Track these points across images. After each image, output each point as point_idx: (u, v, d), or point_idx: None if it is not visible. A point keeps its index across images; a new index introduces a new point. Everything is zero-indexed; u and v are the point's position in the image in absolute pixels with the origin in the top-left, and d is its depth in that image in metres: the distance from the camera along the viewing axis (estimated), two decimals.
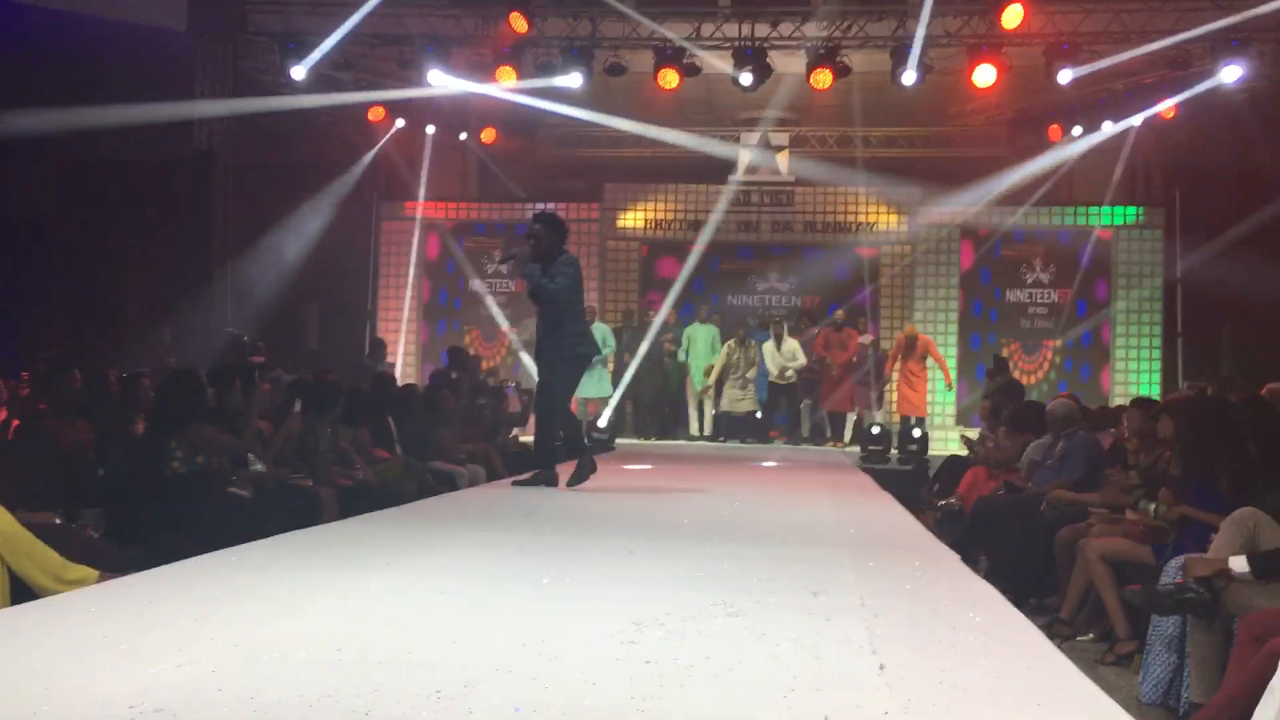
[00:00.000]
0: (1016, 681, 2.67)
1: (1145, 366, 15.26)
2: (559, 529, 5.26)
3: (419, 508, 6.23)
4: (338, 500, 6.69)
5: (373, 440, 8.48)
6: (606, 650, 2.83)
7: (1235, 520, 4.42)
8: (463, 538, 4.92)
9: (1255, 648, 3.69)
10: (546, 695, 2.43)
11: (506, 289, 16.39)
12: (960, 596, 3.74)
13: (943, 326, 15.64)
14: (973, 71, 12.58)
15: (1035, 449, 7.88)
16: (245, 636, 2.90)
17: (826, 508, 6.69)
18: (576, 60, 13.05)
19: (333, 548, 4.44)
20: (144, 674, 2.52)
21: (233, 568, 3.90)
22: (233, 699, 2.34)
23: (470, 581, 3.79)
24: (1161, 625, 4.60)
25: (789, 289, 16.20)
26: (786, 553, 4.57)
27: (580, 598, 3.57)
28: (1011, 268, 15.73)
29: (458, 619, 3.21)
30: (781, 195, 15.98)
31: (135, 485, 5.93)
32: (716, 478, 8.73)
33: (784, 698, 2.45)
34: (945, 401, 15.39)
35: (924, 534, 5.62)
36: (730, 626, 3.14)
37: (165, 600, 3.31)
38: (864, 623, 3.22)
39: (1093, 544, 5.63)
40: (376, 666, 2.63)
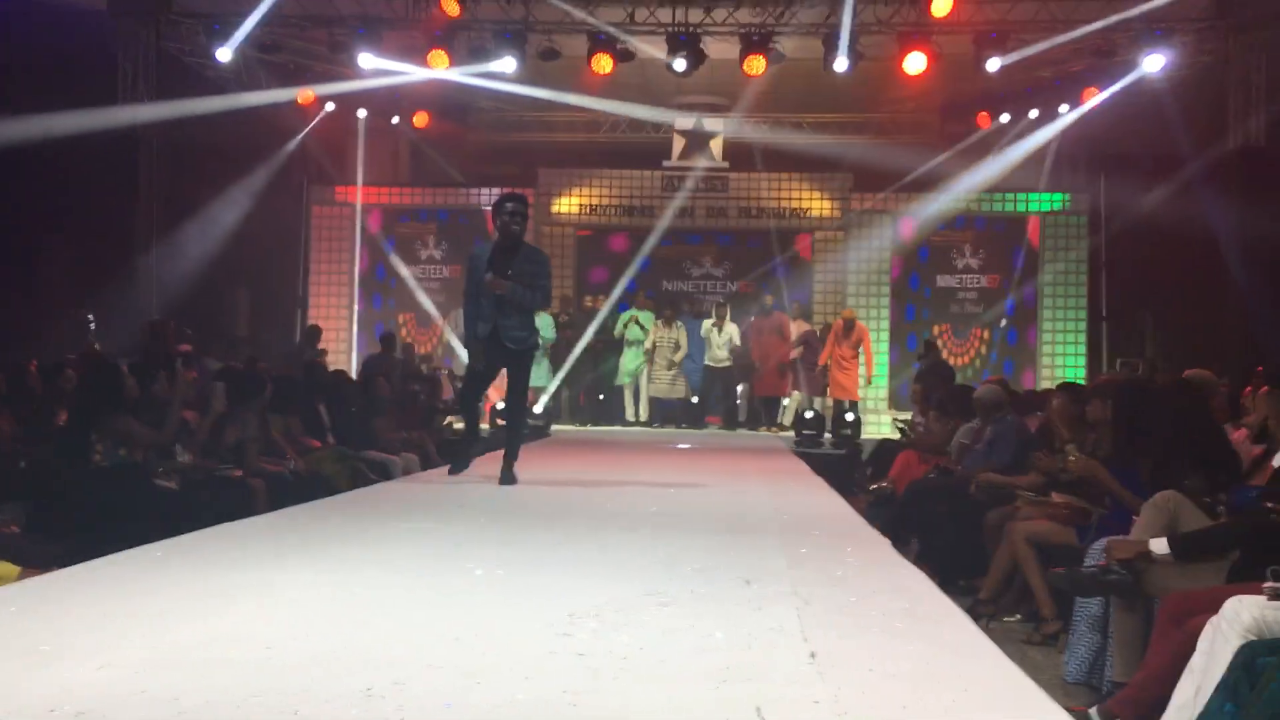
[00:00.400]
0: (943, 666, 2.71)
1: (1071, 350, 15.56)
2: (493, 520, 5.24)
3: (351, 498, 6.17)
4: (268, 491, 6.60)
5: (304, 429, 8.38)
6: (540, 643, 2.83)
7: (1155, 503, 4.52)
8: (395, 529, 4.87)
9: (1175, 627, 3.79)
10: (478, 691, 2.41)
11: (440, 275, 16.26)
12: (890, 583, 3.79)
13: (875, 311, 15.81)
14: (903, 59, 12.71)
15: (965, 432, 8.01)
16: (170, 635, 2.85)
17: (760, 494, 6.74)
18: (510, 44, 12.97)
19: (262, 541, 4.37)
20: (65, 675, 2.47)
21: (158, 563, 3.83)
22: (157, 701, 2.30)
23: (403, 575, 3.76)
24: (1086, 606, 4.71)
25: (723, 274, 16.27)
26: (720, 541, 4.59)
27: (514, 590, 3.56)
28: (942, 254, 15.95)
29: (389, 614, 3.18)
30: (715, 181, 16.03)
31: (57, 478, 5.79)
32: (651, 465, 8.75)
33: (716, 689, 2.46)
34: (878, 385, 15.59)
35: (856, 519, 5.68)
36: (663, 617, 3.15)
37: (87, 598, 3.24)
38: (795, 611, 3.25)
39: (1018, 527, 5.74)
40: (305, 665, 2.59)
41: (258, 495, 6.51)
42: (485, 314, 6.72)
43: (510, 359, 6.80)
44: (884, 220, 15.95)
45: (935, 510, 7.12)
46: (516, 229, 6.69)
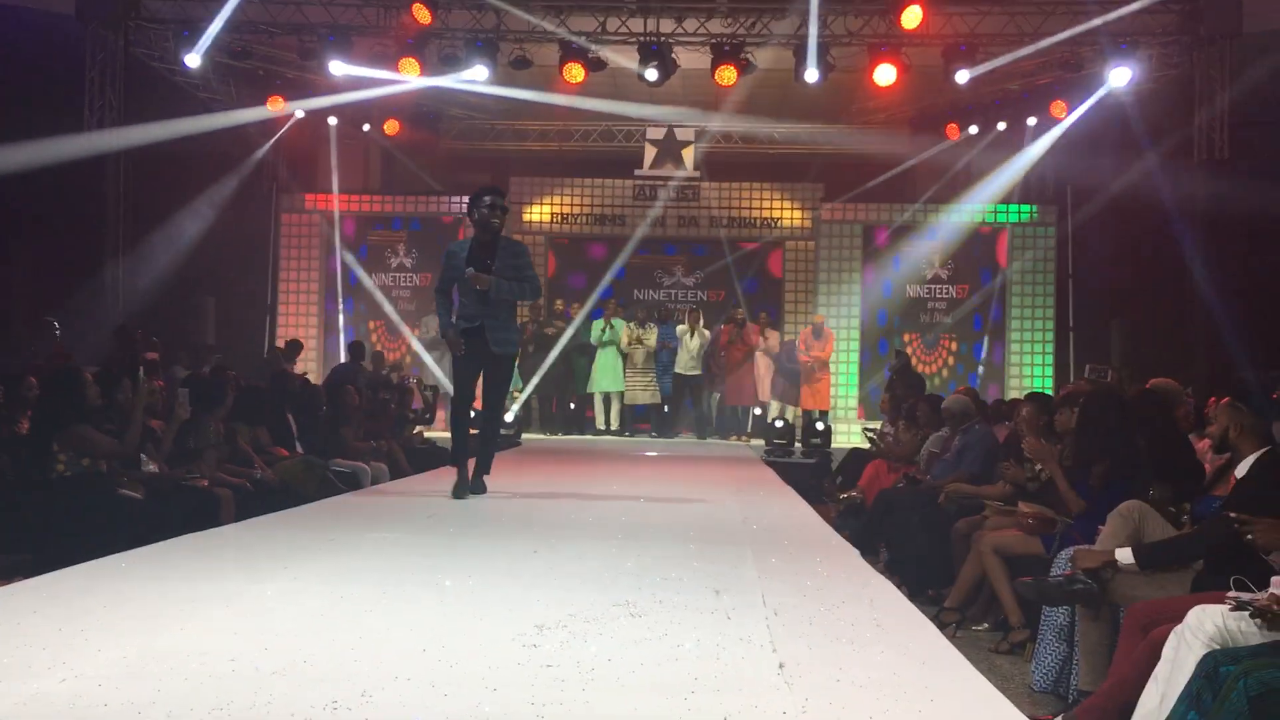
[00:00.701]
0: (910, 676, 2.72)
1: (1039, 360, 15.69)
2: (462, 530, 5.22)
3: (319, 508, 6.12)
4: (235, 501, 6.54)
5: (272, 438, 8.31)
6: (507, 654, 2.82)
7: (1121, 513, 4.55)
8: (363, 539, 4.85)
9: (1140, 636, 3.81)
10: (445, 703, 2.40)
11: (411, 283, 16.21)
12: (858, 592, 3.80)
13: (846, 320, 15.89)
14: (873, 70, 12.79)
15: (934, 441, 8.05)
16: (134, 647, 2.82)
17: (730, 504, 6.74)
18: (481, 53, 12.95)
19: (228, 552, 4.34)
20: (26, 689, 2.43)
21: (121, 574, 3.79)
22: (120, 713, 2.27)
23: (370, 586, 3.73)
24: (1053, 615, 4.73)
25: (694, 283, 16.31)
26: (690, 551, 4.59)
27: (482, 600, 3.54)
28: (912, 264, 16.04)
29: (356, 625, 3.16)
30: (687, 190, 16.07)
31: (18, 489, 5.72)
32: (621, 474, 8.74)
33: (684, 700, 2.46)
34: (848, 395, 15.67)
35: (826, 530, 5.70)
36: (632, 628, 3.14)
37: (49, 610, 3.19)
38: (764, 621, 3.25)
39: (986, 537, 5.76)
40: (271, 677, 2.57)
41: (225, 505, 6.45)
42: (469, 313, 6.54)
43: (492, 363, 6.63)
44: (854, 230, 16.04)
45: (904, 520, 7.15)
46: (496, 222, 6.50)
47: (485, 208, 6.47)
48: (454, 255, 6.62)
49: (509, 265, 6.50)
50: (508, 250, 6.59)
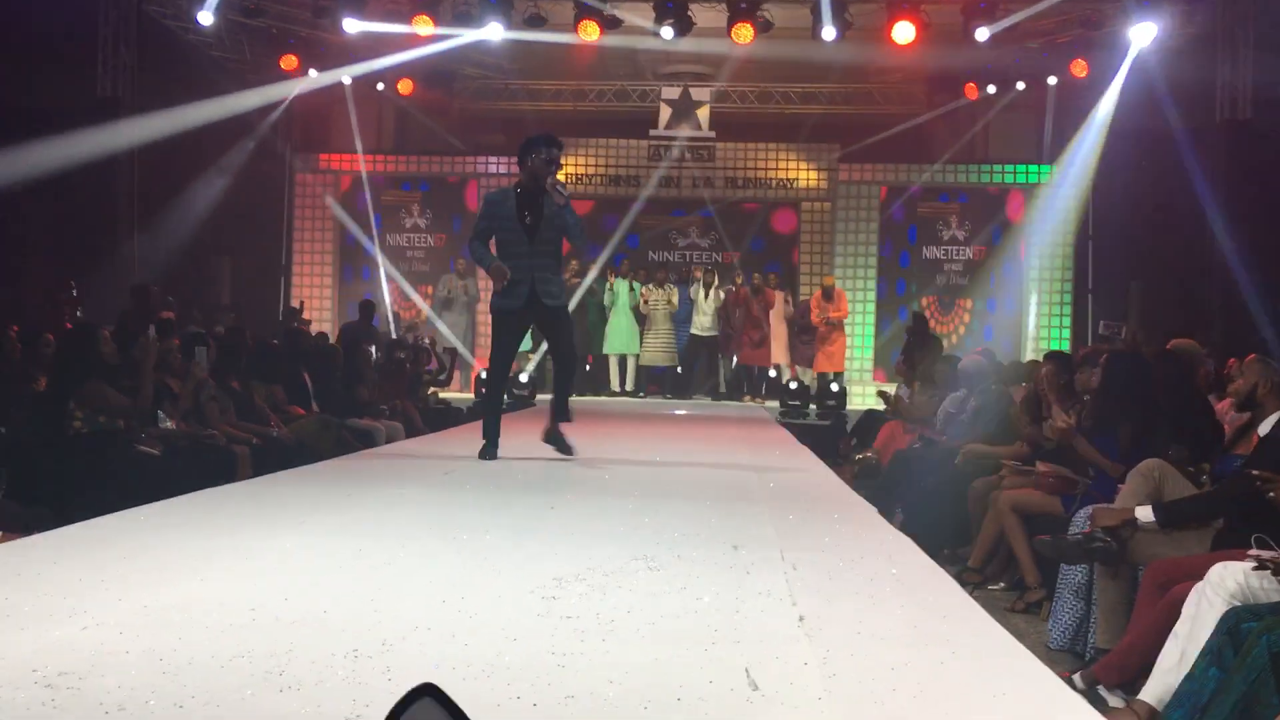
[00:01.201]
0: (932, 630, 2.71)
1: (1056, 322, 15.59)
2: (478, 485, 5.22)
3: (335, 465, 6.13)
4: (252, 458, 6.57)
5: (288, 397, 8.34)
6: (527, 606, 2.81)
7: (1141, 471, 4.54)
8: (379, 495, 4.85)
9: (1159, 595, 3.80)
10: (466, 652, 2.40)
11: (425, 244, 16.18)
12: (877, 548, 3.79)
13: (862, 283, 15.80)
14: (892, 29, 12.64)
15: (950, 402, 8.02)
16: (154, 597, 2.82)
17: (746, 462, 6.73)
18: (495, 10, 12.84)
19: (246, 506, 4.34)
20: (47, 637, 2.44)
21: (140, 527, 3.80)
22: (141, 661, 2.27)
23: (387, 540, 3.73)
24: (1070, 573, 4.73)
25: (709, 244, 16.23)
26: (707, 507, 4.58)
27: (500, 554, 3.54)
28: (928, 225, 15.94)
29: (375, 578, 3.16)
30: (702, 151, 15.96)
31: (36, 444, 5.74)
32: (637, 434, 8.74)
33: (705, 650, 2.45)
34: (863, 357, 15.62)
35: (842, 488, 5.69)
36: (651, 581, 3.14)
37: (69, 561, 3.20)
38: (783, 575, 3.24)
39: (1004, 496, 5.76)
40: (290, 626, 2.57)
41: (241, 462, 6.48)
42: (518, 277, 6.08)
43: (550, 317, 6.24)
44: (871, 191, 15.91)
45: (920, 480, 7.14)
46: (551, 181, 6.03)
47: (541, 160, 6.03)
48: (495, 204, 6.21)
49: (555, 217, 6.09)
50: (553, 203, 6.14)
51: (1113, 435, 5.26)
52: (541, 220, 6.08)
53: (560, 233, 6.14)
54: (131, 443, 5.96)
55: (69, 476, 5.37)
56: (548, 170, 6.01)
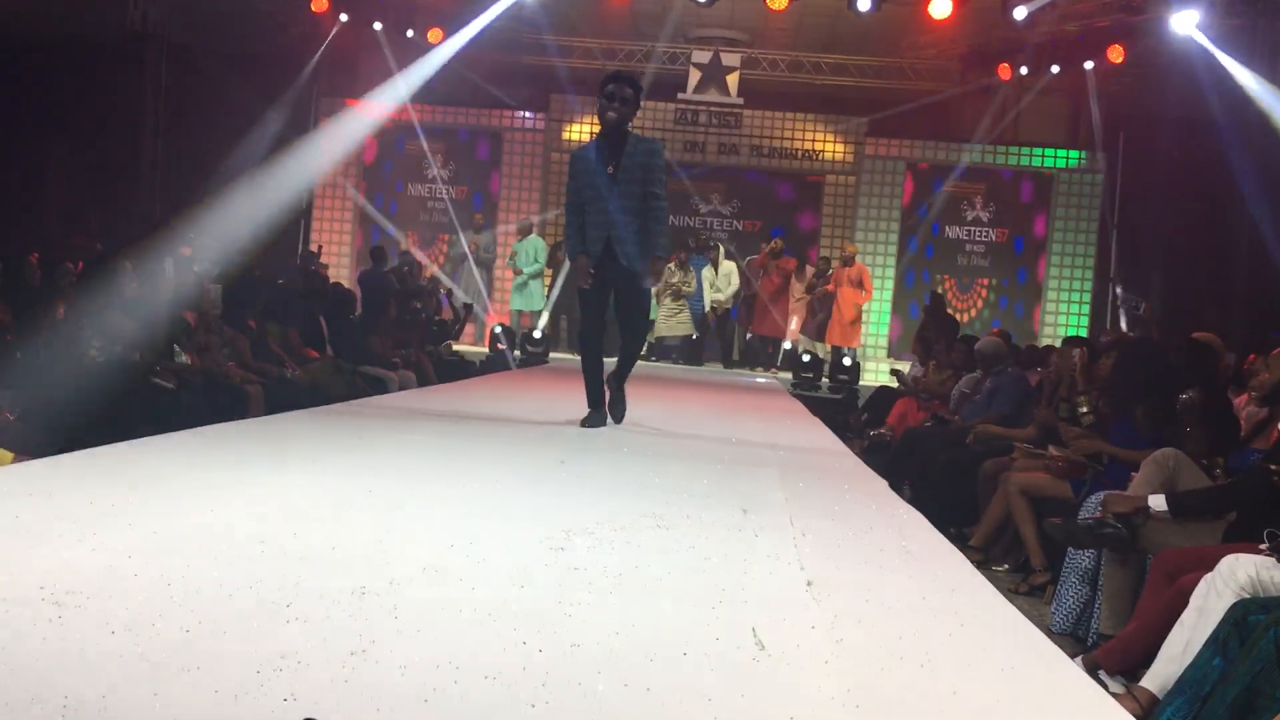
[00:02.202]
0: (940, 601, 2.70)
1: (1075, 309, 15.50)
2: (489, 436, 5.22)
3: (346, 408, 6.13)
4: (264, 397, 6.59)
5: (303, 339, 8.35)
6: (535, 555, 2.81)
7: (1156, 460, 4.51)
8: (391, 439, 4.85)
9: (1167, 584, 3.79)
10: (473, 596, 2.39)
11: (447, 195, 16.13)
12: (887, 520, 3.77)
13: (881, 259, 15.72)
14: (929, 3, 12.49)
15: (966, 382, 8.00)
16: (163, 525, 2.82)
17: (758, 431, 6.72)
18: None
19: (257, 442, 4.35)
20: (55, 557, 2.44)
21: (151, 457, 3.80)
22: (148, 585, 2.27)
23: (397, 482, 3.74)
24: (1076, 558, 4.71)
25: (731, 212, 16.16)
26: (718, 471, 4.57)
27: (510, 504, 3.54)
28: (952, 204, 15.82)
29: (383, 519, 3.16)
30: (729, 117, 15.84)
31: (52, 371, 5.76)
32: (650, 398, 8.71)
33: (712, 609, 2.44)
34: (879, 334, 15.56)
35: (853, 459, 5.68)
36: (660, 538, 3.13)
37: (80, 485, 3.21)
38: (792, 541, 3.23)
39: (1014, 478, 5.74)
40: (299, 561, 2.57)
41: (253, 400, 6.50)
42: (595, 229, 5.70)
43: (625, 278, 5.78)
44: (897, 166, 15.79)
45: (930, 458, 7.13)
46: (613, 116, 5.57)
47: (604, 98, 5.60)
48: (579, 161, 5.77)
49: (637, 167, 5.63)
50: (638, 149, 5.68)
51: (1129, 420, 5.23)
52: (620, 169, 5.64)
53: (645, 187, 5.66)
54: (146, 374, 5.97)
55: (83, 404, 5.39)
56: (607, 108, 5.59)
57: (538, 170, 15.87)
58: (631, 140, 5.67)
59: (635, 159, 5.62)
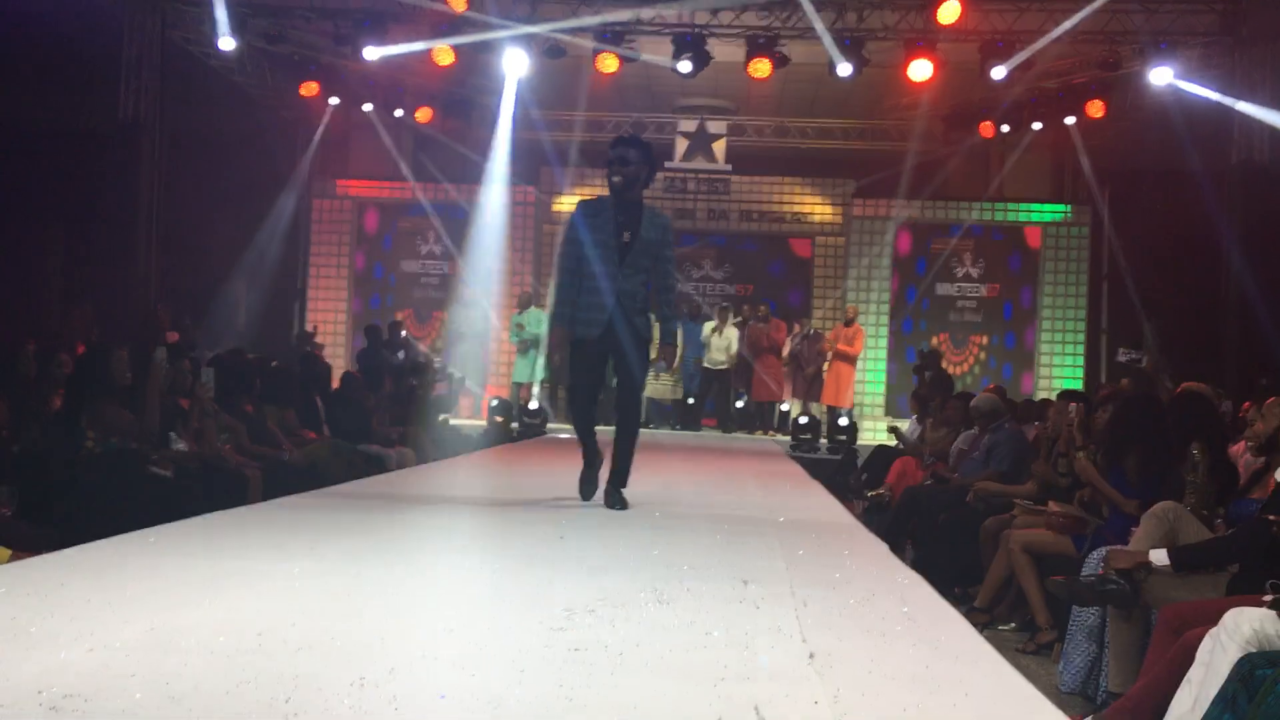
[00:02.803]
0: (943, 670, 2.68)
1: (1069, 362, 15.55)
2: (487, 514, 5.21)
3: (345, 490, 6.11)
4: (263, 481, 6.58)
5: (301, 420, 8.35)
6: (535, 637, 2.79)
7: (1155, 514, 4.50)
8: (389, 521, 4.84)
9: (1173, 638, 3.77)
10: (473, 683, 2.38)
11: (440, 271, 16.22)
12: (888, 586, 3.76)
13: (874, 319, 15.79)
14: (909, 66, 12.69)
15: (963, 439, 7.99)
16: (160, 620, 2.81)
17: (757, 496, 6.71)
18: (515, 41, 12.93)
19: (255, 529, 4.33)
20: (53, 658, 2.43)
21: (149, 549, 3.79)
22: (146, 685, 2.26)
23: (396, 566, 3.72)
24: (1082, 616, 4.69)
25: (723, 277, 16.25)
26: (717, 541, 4.56)
27: (509, 584, 3.52)
28: (941, 262, 15.94)
29: (382, 604, 3.14)
30: (717, 184, 16.00)
31: (49, 463, 5.76)
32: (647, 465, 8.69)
33: (714, 686, 2.43)
34: (874, 393, 15.59)
35: (853, 523, 5.66)
36: (660, 614, 3.12)
37: (77, 582, 3.19)
38: (794, 611, 3.22)
39: (1016, 535, 5.72)
40: (298, 652, 2.56)
41: (252, 485, 6.48)
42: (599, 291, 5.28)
43: (627, 348, 5.38)
44: (886, 227, 15.94)
45: (931, 517, 7.11)
46: (617, 181, 5.23)
47: (607, 164, 5.29)
48: (589, 214, 5.37)
49: (650, 243, 5.30)
50: (652, 224, 5.33)
51: (1120, 469, 5.25)
52: (635, 240, 5.28)
53: (652, 261, 5.33)
54: (144, 463, 5.97)
55: (81, 496, 5.38)
56: (611, 174, 5.25)
57: (530, 243, 15.99)
58: (647, 214, 5.35)
59: (649, 234, 5.30)
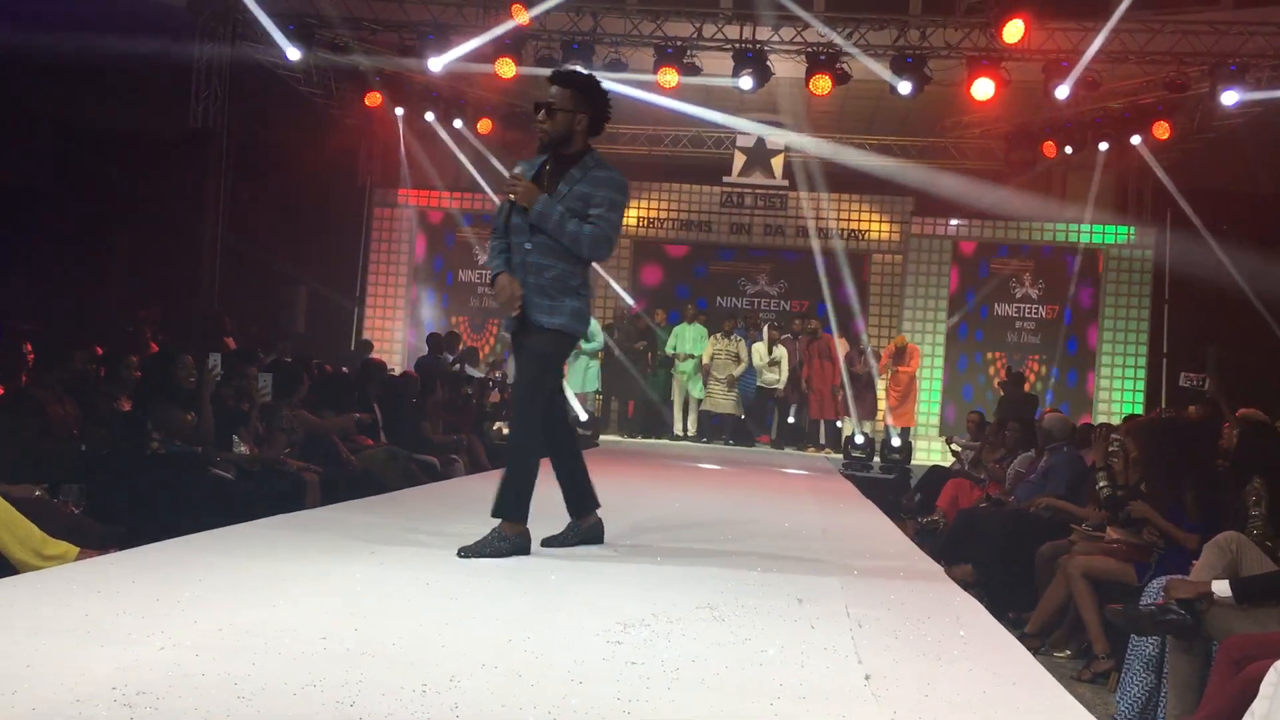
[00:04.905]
0: (1000, 695, 2.67)
1: (1130, 385, 15.33)
2: (542, 525, 5.24)
3: (401, 497, 6.21)
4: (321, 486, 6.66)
5: (358, 427, 8.45)
6: (592, 649, 2.82)
7: (1218, 544, 4.43)
8: (445, 529, 4.88)
9: (1234, 671, 3.70)
10: (533, 693, 2.41)
11: None
12: (943, 608, 3.74)
13: (930, 338, 15.67)
14: (971, 84, 12.62)
15: (1020, 462, 7.91)
16: (227, 621, 2.88)
17: (811, 513, 6.69)
18: (577, 55, 13.02)
19: (316, 533, 4.41)
20: (125, 655, 2.50)
21: (214, 550, 3.87)
22: (216, 684, 2.32)
23: (453, 575, 3.77)
24: (1141, 645, 4.61)
25: (778, 293, 16.22)
26: (771, 558, 4.56)
27: (565, 596, 3.55)
28: (1001, 282, 15.80)
29: (441, 611, 3.19)
30: (775, 199, 15.99)
31: (116, 463, 5.89)
32: (699, 479, 8.72)
33: (770, 704, 2.44)
34: (929, 413, 15.47)
35: (908, 544, 5.63)
36: (715, 630, 3.13)
37: (146, 581, 3.28)
38: (849, 632, 3.22)
39: (1075, 561, 5.65)
40: (360, 657, 2.61)
41: (311, 490, 6.57)
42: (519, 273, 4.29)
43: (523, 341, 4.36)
44: (944, 245, 15.83)
45: (986, 540, 7.03)
46: (545, 128, 4.32)
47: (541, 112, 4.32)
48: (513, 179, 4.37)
49: (578, 195, 4.27)
50: (589, 178, 4.30)
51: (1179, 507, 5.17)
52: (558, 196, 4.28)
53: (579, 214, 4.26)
54: (207, 466, 6.08)
55: (146, 496, 5.49)
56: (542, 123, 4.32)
57: None
58: (584, 163, 4.34)
59: (580, 189, 4.28)
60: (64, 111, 12.66)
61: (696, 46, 13.20)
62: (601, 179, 4.32)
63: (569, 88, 4.33)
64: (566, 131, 4.32)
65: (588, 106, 4.34)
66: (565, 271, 4.29)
